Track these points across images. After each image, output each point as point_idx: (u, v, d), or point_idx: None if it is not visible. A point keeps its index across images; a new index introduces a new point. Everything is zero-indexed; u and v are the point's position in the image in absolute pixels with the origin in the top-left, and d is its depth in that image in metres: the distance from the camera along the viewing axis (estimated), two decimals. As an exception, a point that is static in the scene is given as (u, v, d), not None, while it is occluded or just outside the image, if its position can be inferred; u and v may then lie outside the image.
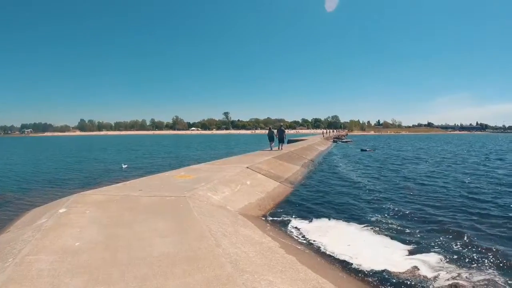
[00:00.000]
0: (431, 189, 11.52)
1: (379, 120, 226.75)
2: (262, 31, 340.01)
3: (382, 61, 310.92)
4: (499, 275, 4.78)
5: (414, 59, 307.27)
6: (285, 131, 21.25)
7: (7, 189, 13.00)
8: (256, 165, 12.71)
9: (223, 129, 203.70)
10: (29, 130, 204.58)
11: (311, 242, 6.15)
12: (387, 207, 8.84)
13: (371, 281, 4.66)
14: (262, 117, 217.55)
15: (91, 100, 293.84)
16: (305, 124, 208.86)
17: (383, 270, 4.91)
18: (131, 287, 3.11)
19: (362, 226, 7.18)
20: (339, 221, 7.56)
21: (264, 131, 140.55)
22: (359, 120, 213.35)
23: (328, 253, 5.59)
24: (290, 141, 33.05)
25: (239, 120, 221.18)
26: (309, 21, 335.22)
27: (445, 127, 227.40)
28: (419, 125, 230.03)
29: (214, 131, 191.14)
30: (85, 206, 6.10)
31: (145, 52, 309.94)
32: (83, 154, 34.54)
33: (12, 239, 4.72)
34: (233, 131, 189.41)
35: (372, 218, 7.82)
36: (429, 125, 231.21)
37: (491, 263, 5.19)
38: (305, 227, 7.05)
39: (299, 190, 11.41)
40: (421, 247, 5.90)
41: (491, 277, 4.72)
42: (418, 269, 4.96)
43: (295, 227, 7.05)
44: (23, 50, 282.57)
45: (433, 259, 5.34)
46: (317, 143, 33.93)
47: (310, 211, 8.48)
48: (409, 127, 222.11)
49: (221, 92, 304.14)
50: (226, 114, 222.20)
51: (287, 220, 7.56)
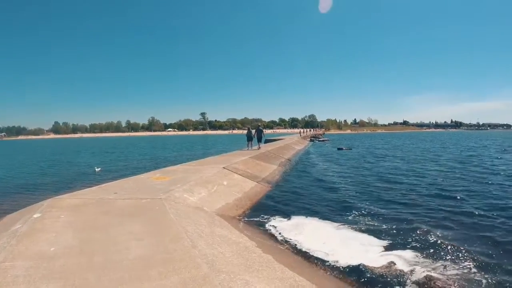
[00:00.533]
0: (406, 187, 11.74)
1: (355, 119, 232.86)
2: (241, 30, 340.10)
3: (358, 61, 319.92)
4: (473, 268, 4.93)
5: (390, 58, 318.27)
6: (263, 131, 21.58)
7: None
8: (233, 165, 12.69)
9: (200, 130, 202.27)
10: (2, 134, 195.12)
11: (288, 240, 6.16)
12: (363, 205, 8.93)
13: (348, 277, 4.71)
14: (239, 117, 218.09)
15: (65, 102, 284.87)
16: (282, 123, 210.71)
17: (359, 265, 4.97)
18: (107, 291, 3.10)
19: (338, 223, 7.25)
20: (316, 219, 7.62)
21: (241, 131, 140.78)
22: (336, 119, 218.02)
23: (305, 251, 5.63)
24: (267, 141, 33.21)
25: (216, 120, 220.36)
26: (285, 21, 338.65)
27: (420, 125, 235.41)
28: (395, 124, 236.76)
29: (191, 132, 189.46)
30: (59, 210, 5.94)
31: (121, 53, 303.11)
32: (57, 157, 33.29)
33: (-14, 247, 4.57)
34: (210, 132, 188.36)
35: (348, 215, 7.91)
36: (405, 123, 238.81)
37: (465, 258, 5.32)
38: (282, 225, 7.06)
39: (276, 189, 11.46)
40: (397, 243, 5.98)
41: (465, 271, 4.87)
42: (394, 264, 5.05)
43: (272, 226, 7.06)
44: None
45: (409, 254, 5.45)
46: (294, 143, 34.26)
47: (287, 210, 8.51)
48: (385, 125, 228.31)
49: (198, 92, 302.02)
50: (203, 114, 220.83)
51: (264, 219, 7.57)
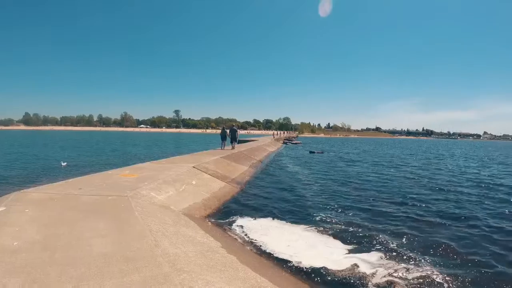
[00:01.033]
0: (374, 192, 11.95)
1: (329, 123, 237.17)
2: (218, 29, 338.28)
3: (334, 66, 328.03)
4: (435, 272, 5.02)
5: (365, 65, 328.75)
6: (238, 131, 21.63)
7: None
8: (203, 164, 12.56)
9: (173, 128, 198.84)
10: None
11: (254, 241, 6.16)
12: (331, 208, 9.06)
13: (310, 279, 4.75)
14: (213, 116, 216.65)
15: (37, 93, 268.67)
16: (256, 125, 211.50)
17: (322, 267, 5.01)
18: (68, 287, 3.11)
19: (305, 226, 7.28)
20: (283, 221, 7.65)
21: (215, 131, 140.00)
22: (310, 122, 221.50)
23: (269, 252, 5.64)
24: (240, 141, 33.18)
25: (190, 118, 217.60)
26: (262, 22, 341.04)
27: (393, 132, 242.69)
28: (368, 129, 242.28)
29: (164, 129, 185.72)
30: (25, 204, 5.81)
31: (95, 45, 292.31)
32: (25, 150, 31.37)
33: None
34: (183, 130, 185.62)
35: (316, 218, 7.98)
36: (377, 129, 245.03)
37: (427, 262, 5.44)
38: (249, 227, 7.06)
39: (246, 190, 11.47)
40: (362, 246, 6.07)
41: (427, 273, 4.96)
42: (357, 266, 5.11)
43: (239, 226, 7.04)
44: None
45: (372, 257, 5.53)
46: (267, 144, 34.53)
47: (255, 211, 8.52)
48: (358, 131, 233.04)
49: (173, 89, 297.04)
50: (176, 112, 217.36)
51: (231, 220, 7.54)
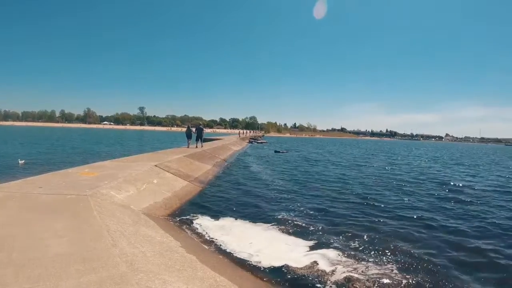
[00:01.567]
0: (336, 190, 12.23)
1: (295, 123, 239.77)
2: (185, 26, 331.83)
3: (303, 67, 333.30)
4: (395, 269, 5.15)
5: (333, 66, 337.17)
6: (204, 130, 21.43)
7: None
8: (165, 163, 12.42)
9: (138, 125, 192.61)
10: None
11: (214, 241, 6.17)
12: (293, 207, 9.16)
13: (269, 277, 4.81)
14: (179, 114, 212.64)
15: None
16: (223, 123, 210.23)
17: (282, 266, 5.07)
18: (24, 287, 3.09)
19: (267, 225, 7.34)
20: (245, 220, 7.69)
21: (180, 129, 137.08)
22: (276, 122, 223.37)
23: (229, 252, 5.66)
24: (205, 140, 33.07)
25: (155, 116, 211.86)
26: (235, 20, 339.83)
27: (357, 133, 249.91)
28: (333, 130, 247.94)
29: (128, 126, 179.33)
30: None
31: (58, 36, 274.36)
32: None
33: None
34: (148, 127, 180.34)
35: (278, 217, 8.01)
36: (342, 130, 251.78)
37: (387, 258, 5.58)
38: (209, 226, 7.06)
39: (208, 189, 11.46)
40: (322, 244, 6.17)
41: (386, 271, 5.06)
42: (317, 264, 5.19)
43: (199, 226, 7.03)
44: None
45: (332, 254, 5.63)
46: (232, 143, 34.50)
47: (216, 211, 8.53)
48: (324, 131, 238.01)
49: (138, 86, 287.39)
50: (141, 109, 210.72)
51: (192, 219, 7.51)
